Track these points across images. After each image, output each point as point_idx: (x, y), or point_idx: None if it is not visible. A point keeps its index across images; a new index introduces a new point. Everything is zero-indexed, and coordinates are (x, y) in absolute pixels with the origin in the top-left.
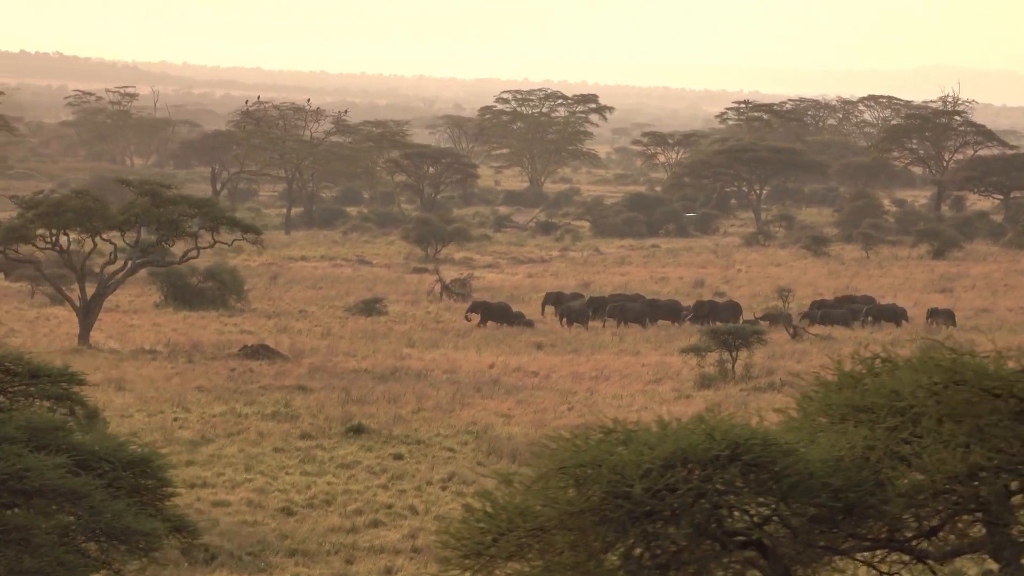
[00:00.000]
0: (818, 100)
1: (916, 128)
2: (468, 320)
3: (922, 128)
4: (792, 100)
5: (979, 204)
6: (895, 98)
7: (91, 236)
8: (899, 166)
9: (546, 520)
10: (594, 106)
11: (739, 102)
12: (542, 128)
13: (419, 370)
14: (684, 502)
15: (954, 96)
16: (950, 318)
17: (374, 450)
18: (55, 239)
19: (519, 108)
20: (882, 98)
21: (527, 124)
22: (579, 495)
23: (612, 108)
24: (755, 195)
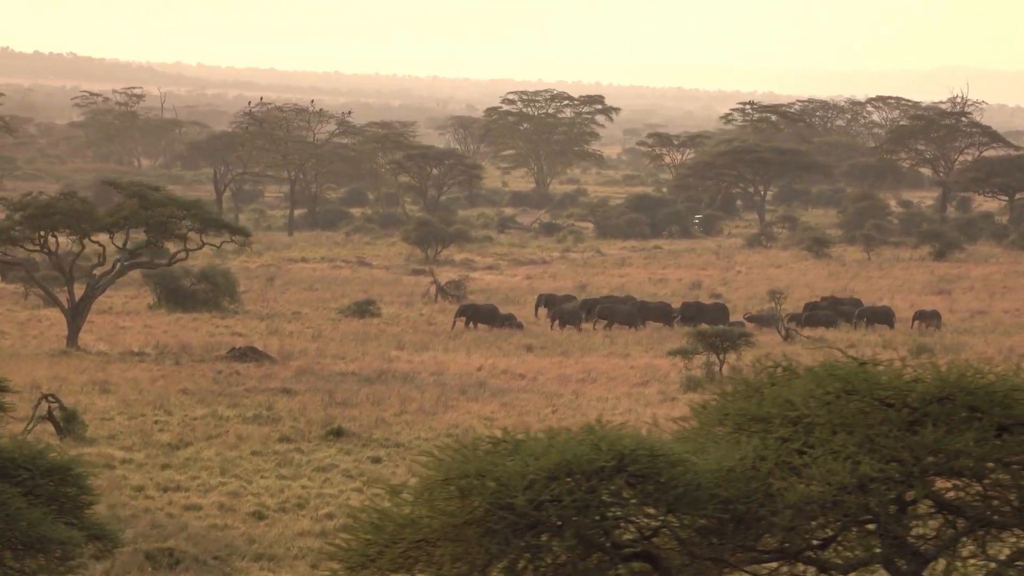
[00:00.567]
0: (826, 101)
1: (922, 129)
2: (452, 328)
3: (928, 129)
4: (801, 101)
5: (985, 205)
6: (903, 99)
7: (80, 238)
8: (906, 167)
9: (431, 532)
10: (600, 107)
11: (744, 103)
12: (548, 129)
13: (406, 372)
14: (568, 514)
15: (963, 97)
16: (936, 319)
17: (352, 453)
18: (43, 241)
19: (525, 109)
20: (890, 99)
21: (533, 125)
22: (463, 506)
23: (618, 109)
24: (759, 196)
